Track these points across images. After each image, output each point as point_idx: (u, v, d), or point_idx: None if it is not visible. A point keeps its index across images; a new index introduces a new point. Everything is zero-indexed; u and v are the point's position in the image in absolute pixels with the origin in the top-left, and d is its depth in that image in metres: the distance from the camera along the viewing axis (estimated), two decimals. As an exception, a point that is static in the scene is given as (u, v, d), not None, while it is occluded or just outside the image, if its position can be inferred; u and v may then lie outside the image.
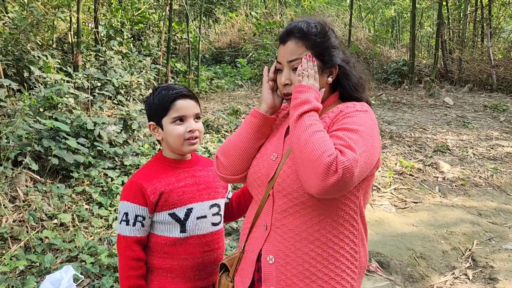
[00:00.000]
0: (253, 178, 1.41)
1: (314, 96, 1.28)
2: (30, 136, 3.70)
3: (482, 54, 10.67)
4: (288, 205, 1.30)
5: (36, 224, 3.15)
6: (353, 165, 1.14)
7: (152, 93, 1.56)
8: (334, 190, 1.15)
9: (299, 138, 1.22)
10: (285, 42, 1.37)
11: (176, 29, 10.28)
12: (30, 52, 5.72)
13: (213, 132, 5.67)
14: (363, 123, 1.27)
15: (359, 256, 1.36)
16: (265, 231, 1.35)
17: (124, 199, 1.51)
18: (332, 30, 1.41)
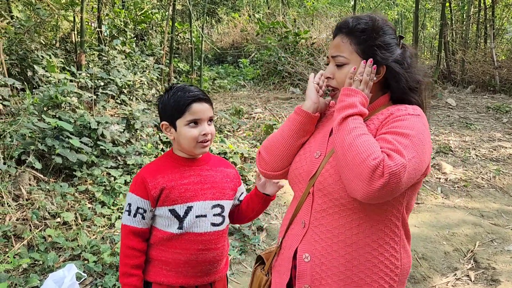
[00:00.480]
0: (294, 174, 1.41)
1: (360, 100, 1.26)
2: (34, 135, 3.72)
3: (485, 55, 10.64)
4: (327, 205, 1.29)
5: (39, 222, 3.17)
6: (400, 170, 1.11)
7: (167, 93, 1.57)
8: (379, 195, 1.13)
9: (343, 141, 1.20)
10: (334, 37, 1.38)
11: (179, 29, 10.31)
12: (34, 52, 5.75)
13: (216, 132, 5.68)
14: (414, 127, 1.22)
15: (400, 263, 1.32)
16: (303, 229, 1.34)
17: (130, 190, 1.57)
18: (388, 27, 1.35)
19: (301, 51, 10.66)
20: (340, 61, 1.34)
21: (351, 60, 1.33)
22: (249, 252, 3.39)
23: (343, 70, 1.34)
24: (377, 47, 1.31)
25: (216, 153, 4.68)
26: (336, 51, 1.35)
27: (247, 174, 4.39)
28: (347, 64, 1.34)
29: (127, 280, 1.51)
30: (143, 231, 1.55)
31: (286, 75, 10.13)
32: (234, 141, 5.33)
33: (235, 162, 4.58)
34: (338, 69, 1.35)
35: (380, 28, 1.33)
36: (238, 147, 4.99)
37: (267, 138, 1.49)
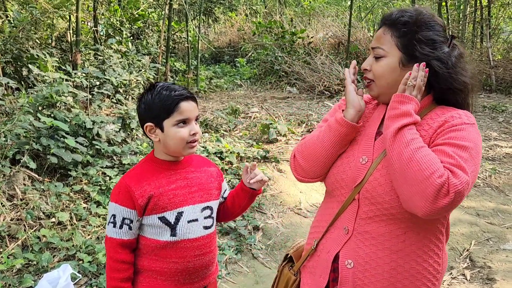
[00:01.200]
0: (336, 179, 1.35)
1: (414, 108, 1.21)
2: (29, 135, 3.70)
3: (481, 54, 10.67)
4: (374, 213, 1.26)
5: (34, 222, 3.15)
6: (465, 188, 1.10)
7: (149, 92, 1.49)
8: (442, 212, 1.12)
9: (400, 154, 1.15)
10: (379, 28, 1.34)
11: (175, 28, 10.28)
12: (29, 51, 5.72)
13: (212, 132, 5.66)
14: (472, 139, 1.18)
15: (441, 268, 1.33)
16: (345, 235, 1.31)
17: (113, 201, 1.47)
18: (435, 24, 1.29)
19: (298, 51, 10.66)
20: (378, 53, 1.30)
21: (389, 53, 1.29)
22: (245, 251, 3.38)
23: (380, 63, 1.30)
24: (418, 41, 1.25)
25: (212, 152, 4.67)
26: (376, 42, 1.31)
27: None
28: (385, 57, 1.29)
29: None
30: (130, 242, 1.47)
31: (283, 74, 10.13)
32: (230, 140, 5.32)
33: (231, 161, 4.57)
34: (376, 61, 1.31)
35: (424, 23, 1.27)
36: (234, 146, 4.98)
37: (303, 142, 1.42)
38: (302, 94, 8.96)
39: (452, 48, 1.29)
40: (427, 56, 1.25)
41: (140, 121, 1.53)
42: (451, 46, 1.29)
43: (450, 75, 1.26)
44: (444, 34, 1.30)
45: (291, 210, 4.04)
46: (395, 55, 1.28)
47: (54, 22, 7.64)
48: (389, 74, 1.29)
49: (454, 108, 1.29)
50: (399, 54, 1.27)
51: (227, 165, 4.56)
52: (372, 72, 1.31)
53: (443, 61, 1.26)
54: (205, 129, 5.74)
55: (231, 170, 4.45)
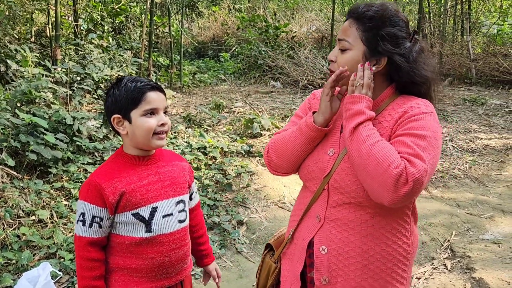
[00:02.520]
0: (307, 171, 1.42)
1: (366, 105, 1.27)
2: (6, 132, 3.62)
3: (462, 48, 10.81)
4: (343, 201, 1.33)
5: (13, 221, 3.09)
6: (423, 175, 1.16)
7: (116, 85, 1.47)
8: (405, 200, 1.18)
9: (359, 151, 1.21)
10: (345, 20, 1.37)
11: (158, 23, 10.17)
12: (7, 46, 5.59)
13: (195, 127, 5.63)
14: (430, 128, 1.24)
15: (411, 249, 1.39)
16: (318, 223, 1.38)
17: (82, 199, 1.44)
18: (399, 20, 1.33)
19: (282, 45, 10.65)
20: (344, 46, 1.34)
21: (354, 46, 1.32)
22: (228, 246, 3.38)
23: (345, 55, 1.34)
24: (381, 37, 1.29)
25: (195, 147, 4.65)
26: (342, 34, 1.35)
27: (227, 168, 4.37)
28: (350, 49, 1.33)
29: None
30: (100, 240, 1.44)
31: (267, 69, 10.11)
32: (214, 135, 5.30)
33: (215, 157, 4.56)
34: (342, 53, 1.35)
35: (389, 18, 1.31)
36: (218, 141, 4.97)
37: (276, 140, 1.48)
38: (286, 89, 8.97)
39: (413, 43, 1.34)
40: (389, 51, 1.29)
41: (107, 115, 1.50)
42: (413, 41, 1.34)
43: (412, 70, 1.31)
44: (407, 29, 1.34)
45: (275, 204, 4.05)
46: (359, 48, 1.31)
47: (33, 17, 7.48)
48: (353, 66, 1.32)
49: (415, 97, 1.34)
50: (363, 47, 1.31)
51: (211, 160, 4.54)
52: (338, 64, 1.35)
53: (405, 56, 1.30)
54: (189, 124, 5.70)
55: (215, 165, 4.44)
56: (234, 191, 4.14)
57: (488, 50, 10.57)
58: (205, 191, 3.98)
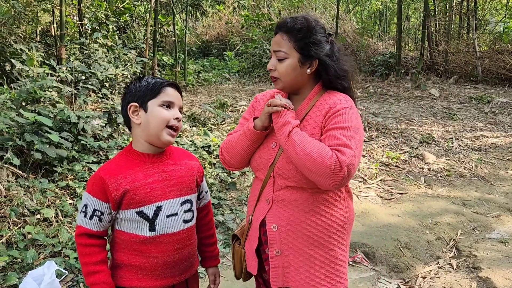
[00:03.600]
0: (256, 163, 1.65)
1: (291, 115, 1.52)
2: (12, 131, 3.64)
3: (467, 46, 10.74)
4: (286, 185, 1.56)
5: (18, 219, 3.10)
6: (352, 160, 1.41)
7: (137, 81, 1.51)
8: (345, 182, 1.42)
9: (296, 153, 1.44)
10: (276, 34, 1.59)
11: (162, 22, 10.18)
12: (12, 45, 5.61)
13: (200, 126, 5.63)
14: (351, 119, 1.50)
15: (348, 220, 1.64)
16: (267, 205, 1.61)
17: (87, 191, 1.46)
18: (319, 27, 1.58)
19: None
20: (281, 56, 1.55)
21: (290, 55, 1.55)
22: (233, 245, 3.38)
23: (283, 64, 1.56)
24: (311, 43, 1.54)
25: (200, 146, 4.65)
26: (277, 46, 1.56)
27: (231, 167, 4.35)
28: (287, 58, 1.55)
29: (93, 278, 1.42)
30: (99, 233, 1.46)
31: (271, 67, 10.09)
32: (218, 134, 5.30)
33: (219, 155, 4.55)
34: (280, 62, 1.56)
35: (313, 28, 1.56)
36: (222, 140, 4.96)
37: (227, 140, 1.71)
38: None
39: (331, 44, 1.60)
40: (318, 54, 1.55)
41: (123, 108, 1.52)
42: (331, 43, 1.60)
43: (337, 66, 1.58)
44: (325, 34, 1.60)
45: (280, 203, 4.04)
46: (295, 56, 1.55)
47: (38, 16, 7.51)
48: (292, 71, 1.56)
49: (337, 93, 1.60)
50: (297, 55, 1.55)
51: (215, 159, 4.54)
52: (277, 71, 1.57)
53: (330, 56, 1.58)
54: (193, 123, 5.70)
55: (219, 164, 4.43)
56: (238, 189, 4.14)
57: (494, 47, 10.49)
58: (210, 190, 3.98)
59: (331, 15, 13.47)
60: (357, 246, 3.33)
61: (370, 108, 7.59)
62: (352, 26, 13.65)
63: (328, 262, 1.60)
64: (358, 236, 3.42)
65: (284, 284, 1.62)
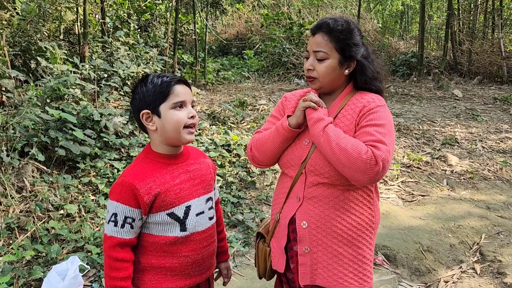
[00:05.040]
0: (286, 160, 1.66)
1: (324, 113, 1.55)
2: (37, 127, 3.71)
3: (492, 45, 10.50)
4: (318, 182, 1.58)
5: (43, 214, 3.17)
6: (387, 155, 1.45)
7: (142, 82, 1.46)
8: (378, 178, 1.45)
9: (331, 149, 1.47)
10: (314, 34, 1.61)
11: (183, 20, 10.24)
12: (37, 43, 5.72)
13: (220, 124, 5.65)
14: (385, 117, 1.55)
15: (375, 219, 1.66)
16: (298, 202, 1.62)
17: (114, 199, 1.41)
18: (357, 29, 1.62)
19: (306, 42, 10.56)
20: (321, 56, 1.58)
21: (330, 56, 1.57)
22: (252, 244, 3.37)
23: (324, 64, 1.58)
24: (351, 45, 1.58)
25: (220, 144, 4.66)
26: (318, 47, 1.58)
27: (251, 166, 4.36)
28: (327, 59, 1.57)
29: None
30: (131, 241, 1.42)
31: (291, 66, 10.07)
32: (238, 132, 5.30)
33: (239, 154, 4.56)
34: (319, 62, 1.58)
35: (353, 30, 1.60)
36: (242, 139, 4.96)
37: (258, 139, 1.71)
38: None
39: (366, 47, 1.65)
40: (357, 55, 1.60)
41: (135, 113, 1.47)
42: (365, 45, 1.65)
43: (372, 67, 1.64)
44: (361, 36, 1.65)
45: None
46: (335, 57, 1.58)
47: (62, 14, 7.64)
48: (332, 72, 1.59)
49: (368, 93, 1.64)
50: (338, 56, 1.58)
51: (235, 158, 4.54)
52: (316, 71, 1.59)
53: (366, 57, 1.63)
54: (213, 122, 5.72)
55: (239, 163, 4.44)
56: (258, 189, 4.13)
57: (520, 47, 10.22)
58: (229, 189, 3.99)
59: (351, 13, 13.34)
60: (378, 248, 3.29)
61: (391, 108, 7.49)
62: (373, 25, 13.49)
63: (356, 260, 1.61)
64: (378, 238, 3.37)
65: (311, 281, 1.63)
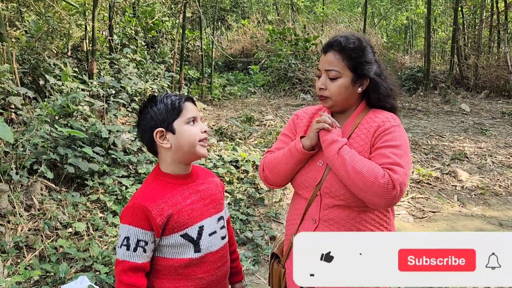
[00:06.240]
0: (300, 181, 1.63)
1: (337, 133, 1.53)
2: (46, 144, 3.71)
3: (498, 59, 10.49)
4: (334, 204, 1.54)
5: (51, 233, 3.14)
6: (404, 178, 1.41)
7: (151, 102, 1.45)
8: (395, 202, 1.42)
9: (346, 172, 1.44)
10: (326, 52, 1.58)
11: (189, 37, 10.33)
12: (46, 60, 5.77)
13: (227, 140, 5.63)
14: (401, 137, 1.50)
15: None
16: (313, 224, 1.58)
17: (125, 222, 1.38)
18: (369, 46, 1.60)
19: (311, 57, 10.61)
20: (333, 75, 1.55)
21: (343, 74, 1.54)
22: (262, 262, 3.32)
23: (336, 83, 1.55)
24: (364, 63, 1.56)
25: (227, 161, 4.64)
26: (329, 65, 1.56)
27: (259, 182, 4.33)
28: (340, 77, 1.55)
29: None
30: (144, 265, 1.39)
31: (297, 81, 10.09)
32: (245, 148, 5.28)
33: (247, 170, 4.53)
34: (332, 81, 1.56)
35: (365, 47, 1.57)
36: (249, 155, 4.94)
37: (270, 158, 1.68)
38: (316, 101, 8.90)
39: (378, 63, 1.63)
40: (370, 73, 1.57)
41: (146, 132, 1.45)
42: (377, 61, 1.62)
43: (386, 84, 1.61)
44: (373, 53, 1.62)
45: (308, 220, 3.97)
46: (348, 75, 1.55)
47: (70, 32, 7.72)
48: (345, 90, 1.56)
49: (382, 111, 1.61)
50: (350, 74, 1.55)
51: (243, 174, 4.52)
52: (328, 90, 1.56)
53: (379, 75, 1.61)
54: (220, 138, 5.71)
55: (247, 179, 4.41)
56: (266, 205, 4.09)
57: (527, 61, 10.19)
58: (238, 206, 3.95)
59: (356, 29, 13.41)
60: (390, 267, 3.23)
61: (398, 123, 7.45)
62: (378, 40, 13.55)
63: None
64: (391, 256, 3.31)
65: None
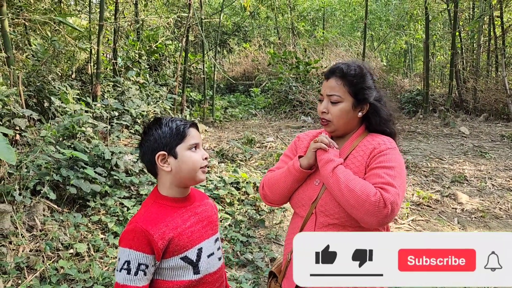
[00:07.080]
0: (297, 199, 1.69)
1: (334, 154, 1.59)
2: (49, 166, 3.76)
3: (497, 83, 10.61)
4: (328, 222, 1.58)
5: (52, 253, 3.16)
6: (396, 198, 1.44)
7: (156, 125, 1.47)
8: (388, 220, 1.45)
9: (340, 190, 1.49)
10: (328, 78, 1.67)
11: (191, 60, 10.51)
12: (50, 83, 5.88)
13: (228, 162, 5.68)
14: (395, 159, 1.56)
15: None
16: None
17: (126, 246, 1.38)
18: (369, 73, 1.68)
19: (312, 80, 10.75)
20: (335, 100, 1.63)
21: (344, 99, 1.63)
22: (262, 285, 3.32)
23: (338, 107, 1.64)
24: (364, 88, 1.64)
25: (228, 182, 4.67)
26: (331, 91, 1.64)
27: (260, 204, 4.35)
28: (341, 102, 1.63)
29: None
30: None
31: (297, 103, 10.20)
32: (246, 170, 5.32)
33: (247, 192, 4.56)
34: (333, 105, 1.64)
35: (365, 74, 1.66)
36: (250, 176, 4.98)
37: (270, 177, 1.75)
38: (317, 123, 8.98)
39: (378, 90, 1.71)
40: (370, 98, 1.65)
41: (148, 154, 1.47)
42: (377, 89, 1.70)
43: (385, 109, 1.69)
44: (373, 79, 1.69)
45: (309, 242, 3.97)
46: (349, 100, 1.63)
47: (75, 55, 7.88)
48: (345, 115, 1.64)
49: (379, 135, 1.67)
50: (351, 99, 1.63)
51: (244, 196, 4.54)
52: (330, 114, 1.65)
53: (379, 100, 1.68)
54: (221, 159, 5.75)
55: (248, 201, 4.43)
56: (267, 227, 4.10)
57: (525, 85, 10.31)
58: (238, 227, 3.96)
59: (356, 52, 13.62)
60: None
61: (398, 145, 7.48)
62: (378, 63, 13.73)
63: None
64: (391, 279, 3.30)
65: None
